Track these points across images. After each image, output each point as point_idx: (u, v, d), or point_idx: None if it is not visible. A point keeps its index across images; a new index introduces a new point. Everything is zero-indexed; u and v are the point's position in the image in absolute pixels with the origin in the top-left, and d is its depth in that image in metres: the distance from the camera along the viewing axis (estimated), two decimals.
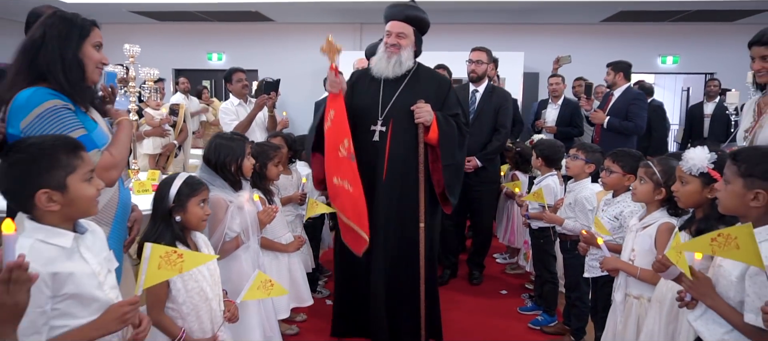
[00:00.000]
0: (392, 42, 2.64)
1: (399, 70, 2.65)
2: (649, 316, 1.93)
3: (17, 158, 1.24)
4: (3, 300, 0.96)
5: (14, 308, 0.99)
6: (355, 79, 2.87)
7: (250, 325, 2.16)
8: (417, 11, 2.69)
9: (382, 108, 2.66)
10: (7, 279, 0.96)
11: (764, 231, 1.45)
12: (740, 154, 1.51)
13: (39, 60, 1.64)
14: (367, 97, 2.69)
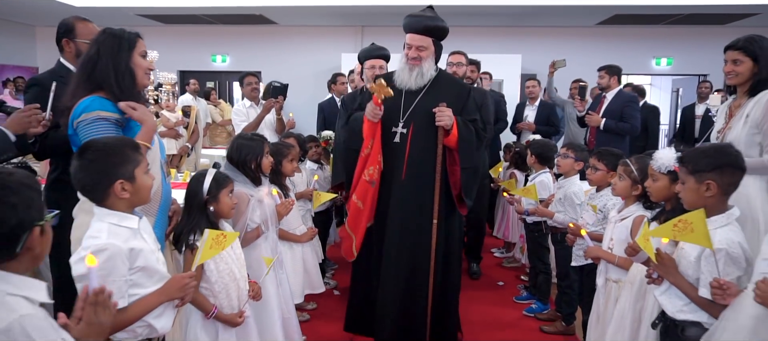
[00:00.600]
0: (413, 55, 2.74)
1: (421, 81, 2.76)
2: (622, 296, 2.20)
3: (95, 156, 1.50)
4: (91, 320, 1.18)
5: (99, 327, 1.19)
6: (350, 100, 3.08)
7: (270, 306, 2.42)
8: (435, 21, 2.77)
9: (404, 111, 2.77)
10: (94, 301, 1.18)
11: (720, 218, 1.73)
12: (685, 156, 1.79)
13: (95, 73, 1.91)
14: (390, 100, 2.77)
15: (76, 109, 1.88)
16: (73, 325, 1.15)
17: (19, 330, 0.96)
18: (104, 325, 1.19)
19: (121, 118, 1.92)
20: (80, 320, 1.16)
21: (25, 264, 1.07)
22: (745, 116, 2.54)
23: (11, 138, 2.09)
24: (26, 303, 1.00)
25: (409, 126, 2.74)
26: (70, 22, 2.65)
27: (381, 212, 2.79)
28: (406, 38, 2.78)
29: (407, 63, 2.77)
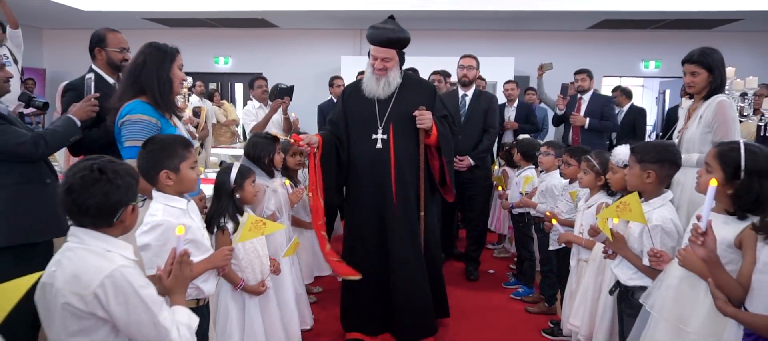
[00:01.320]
0: (379, 66, 2.94)
1: (388, 90, 2.99)
2: (586, 272, 2.61)
3: (151, 148, 1.89)
4: (178, 274, 1.57)
5: (183, 279, 1.59)
6: (348, 92, 3.22)
7: (285, 282, 2.81)
8: (397, 33, 2.93)
9: (380, 118, 3.00)
10: (180, 260, 1.57)
11: (657, 201, 2.14)
12: (636, 148, 2.20)
13: (140, 79, 2.30)
14: (365, 108, 3.01)
15: (122, 111, 2.27)
16: (164, 277, 1.55)
17: (119, 276, 1.34)
18: (186, 278, 1.59)
19: (160, 121, 2.31)
20: (170, 273, 1.54)
21: (118, 232, 1.46)
22: (699, 118, 2.94)
23: (77, 124, 2.50)
24: (121, 258, 1.39)
25: (389, 131, 2.97)
26: (102, 32, 3.03)
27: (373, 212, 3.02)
28: (371, 49, 2.97)
29: (374, 73, 2.97)
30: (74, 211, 1.36)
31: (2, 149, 2.30)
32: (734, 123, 2.86)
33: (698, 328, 1.76)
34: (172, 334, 1.41)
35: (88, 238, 1.37)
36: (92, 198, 1.33)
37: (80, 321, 1.32)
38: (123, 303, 1.32)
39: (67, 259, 1.34)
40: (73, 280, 1.31)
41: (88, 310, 1.31)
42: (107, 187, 1.34)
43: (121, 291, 1.32)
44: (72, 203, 1.34)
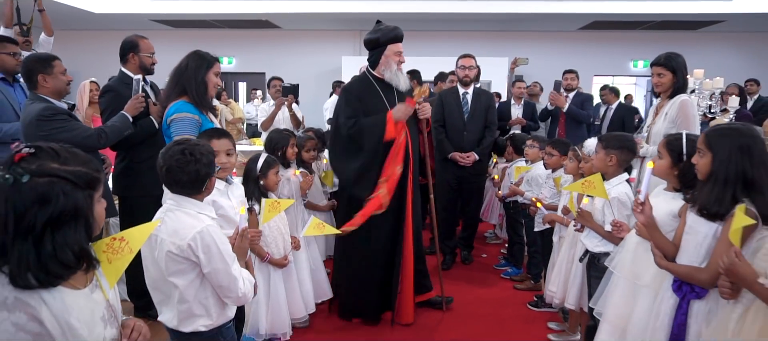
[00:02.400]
0: (402, 60, 3.32)
1: (407, 83, 3.44)
2: (563, 246, 3.05)
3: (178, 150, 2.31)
4: (240, 245, 1.97)
5: (244, 250, 1.99)
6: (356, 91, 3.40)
7: (302, 259, 3.25)
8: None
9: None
10: (242, 235, 1.98)
11: (616, 179, 2.58)
12: (602, 137, 2.64)
13: (182, 80, 2.72)
14: (379, 102, 3.30)
15: (169, 109, 2.70)
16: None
17: (206, 232, 1.75)
18: (246, 249, 2.01)
19: (201, 117, 2.74)
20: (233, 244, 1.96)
21: (202, 198, 1.87)
22: (665, 114, 3.38)
23: (130, 119, 2.93)
24: (207, 219, 1.81)
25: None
26: (135, 39, 3.45)
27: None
28: (395, 47, 3.28)
29: (399, 67, 3.31)
30: (172, 185, 1.79)
31: (74, 142, 2.71)
32: (695, 119, 3.30)
33: (648, 281, 2.20)
34: (239, 283, 1.83)
35: (184, 203, 1.79)
36: (187, 175, 1.76)
37: (177, 265, 1.75)
38: (207, 253, 1.74)
39: (168, 218, 1.77)
40: (173, 233, 1.74)
41: (183, 256, 1.73)
42: (197, 166, 1.77)
43: (206, 244, 1.74)
44: (172, 179, 1.77)
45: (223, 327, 1.88)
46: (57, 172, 1.16)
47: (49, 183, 1.14)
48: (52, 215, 1.14)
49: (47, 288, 1.18)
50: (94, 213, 1.25)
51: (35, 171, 1.14)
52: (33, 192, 1.13)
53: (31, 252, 1.14)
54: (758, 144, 1.78)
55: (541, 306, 3.72)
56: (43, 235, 1.15)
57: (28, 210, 1.12)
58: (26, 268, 1.14)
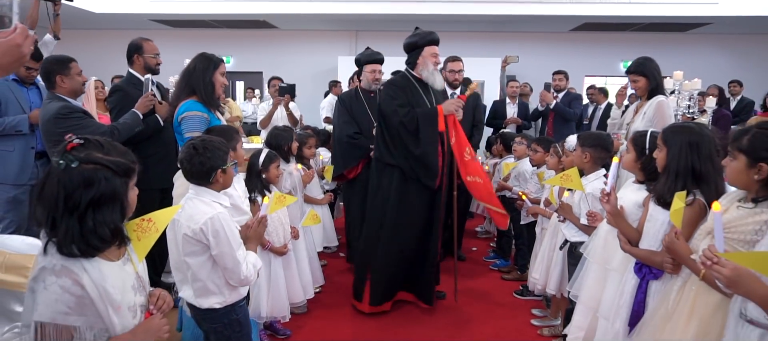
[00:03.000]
0: (437, 61, 3.61)
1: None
2: (545, 237, 3.29)
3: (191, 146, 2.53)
4: (257, 230, 2.20)
5: (259, 236, 2.23)
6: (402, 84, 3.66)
7: (301, 248, 3.46)
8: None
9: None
10: (259, 222, 2.21)
11: (593, 176, 2.81)
12: (580, 135, 2.87)
13: (191, 81, 2.94)
14: (420, 98, 3.57)
15: (180, 108, 2.91)
16: (245, 231, 2.18)
17: (216, 219, 1.97)
18: (262, 234, 2.25)
19: (209, 115, 2.96)
20: (250, 227, 2.18)
21: (218, 188, 2.08)
22: (643, 114, 3.62)
23: (140, 116, 3.14)
24: (220, 207, 2.02)
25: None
26: (139, 42, 3.66)
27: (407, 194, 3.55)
28: (431, 49, 3.58)
29: (436, 68, 3.60)
30: (186, 175, 2.02)
31: None
32: (671, 118, 3.54)
33: (616, 266, 2.43)
34: (242, 267, 2.05)
35: (201, 192, 2.02)
36: (194, 167, 1.98)
37: (191, 246, 1.97)
38: (215, 237, 1.96)
39: (188, 205, 2.00)
40: (189, 218, 1.96)
41: (196, 239, 1.96)
42: (201, 158, 1.99)
43: (215, 229, 1.96)
44: (185, 170, 2.00)
45: (236, 305, 2.10)
46: (101, 161, 1.37)
47: (94, 169, 1.36)
48: (94, 196, 1.36)
49: (87, 258, 1.39)
50: (127, 198, 1.47)
51: (83, 158, 1.35)
52: (80, 176, 1.34)
53: (75, 227, 1.35)
54: (706, 141, 2.01)
55: (527, 295, 3.95)
56: (86, 213, 1.36)
57: (75, 191, 1.34)
58: (71, 240, 1.36)
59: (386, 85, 3.76)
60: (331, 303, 3.86)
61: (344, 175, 4.36)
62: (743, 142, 1.61)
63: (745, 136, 1.61)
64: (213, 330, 2.10)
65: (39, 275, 1.37)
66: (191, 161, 1.99)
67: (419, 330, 3.50)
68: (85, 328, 1.38)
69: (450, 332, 3.47)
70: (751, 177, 1.61)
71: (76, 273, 1.37)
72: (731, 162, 1.68)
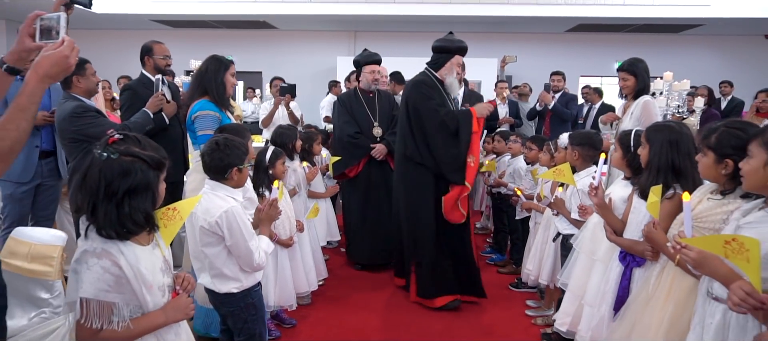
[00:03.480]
0: (460, 71, 3.83)
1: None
2: (538, 230, 3.47)
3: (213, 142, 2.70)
4: (269, 212, 2.37)
5: (271, 218, 2.38)
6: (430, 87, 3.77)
7: (305, 241, 3.64)
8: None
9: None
10: (271, 204, 2.37)
11: (583, 173, 3.00)
12: (571, 135, 3.05)
13: (203, 82, 3.11)
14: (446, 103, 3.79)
15: (193, 107, 3.08)
16: (258, 214, 2.35)
17: (230, 212, 2.13)
18: (274, 217, 2.40)
19: (220, 114, 3.12)
20: (261, 211, 2.35)
21: (233, 184, 2.24)
22: (631, 113, 3.80)
23: (151, 115, 3.30)
24: (234, 201, 2.19)
25: None
26: (150, 44, 3.83)
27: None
28: (459, 59, 3.81)
29: (457, 78, 3.83)
30: (206, 170, 2.19)
31: (100, 136, 3.09)
32: (656, 117, 3.72)
33: (602, 256, 2.61)
34: (255, 255, 2.21)
35: (216, 187, 2.19)
36: (213, 161, 2.15)
37: (208, 237, 2.14)
38: (229, 229, 2.13)
39: (204, 199, 2.16)
40: (205, 212, 2.13)
41: (211, 231, 2.13)
42: (221, 154, 2.16)
43: (229, 222, 2.13)
44: (204, 165, 2.17)
45: (252, 290, 2.27)
46: (138, 154, 1.54)
47: (131, 161, 1.53)
48: (130, 185, 1.53)
49: (123, 241, 1.56)
50: (158, 188, 1.63)
51: (123, 151, 1.52)
52: (120, 167, 1.51)
53: (113, 212, 1.52)
54: (684, 139, 2.19)
55: (521, 287, 4.13)
56: (123, 200, 1.53)
57: (115, 180, 1.51)
58: (109, 224, 1.52)
59: (417, 85, 3.80)
60: (334, 295, 4.04)
61: (345, 174, 4.54)
62: (712, 140, 1.79)
63: (713, 134, 1.79)
64: (230, 314, 2.28)
65: (81, 257, 1.54)
66: (211, 155, 2.16)
67: (417, 320, 3.67)
68: (123, 304, 1.55)
69: (447, 322, 3.65)
70: (719, 172, 1.79)
71: (114, 255, 1.53)
72: (702, 158, 1.85)
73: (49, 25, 1.65)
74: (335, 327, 3.56)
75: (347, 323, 3.62)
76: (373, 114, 4.48)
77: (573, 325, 2.77)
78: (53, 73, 1.56)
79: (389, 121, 4.57)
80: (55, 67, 1.55)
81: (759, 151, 1.52)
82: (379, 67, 4.68)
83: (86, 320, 1.49)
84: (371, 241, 4.52)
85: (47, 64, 1.54)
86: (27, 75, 1.54)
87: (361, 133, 4.47)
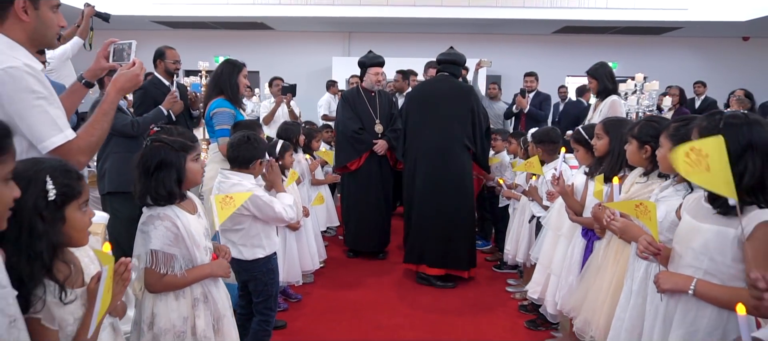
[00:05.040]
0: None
1: None
2: (516, 215, 3.99)
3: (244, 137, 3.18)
4: (271, 175, 2.87)
5: (276, 176, 2.88)
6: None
7: (309, 225, 4.12)
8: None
9: None
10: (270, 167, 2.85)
11: (550, 165, 3.51)
12: (533, 134, 3.57)
13: (219, 83, 3.58)
14: None
15: (211, 105, 3.56)
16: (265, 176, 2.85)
17: (255, 196, 2.60)
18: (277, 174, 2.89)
19: (235, 111, 3.60)
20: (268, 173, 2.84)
21: (254, 174, 2.73)
22: (599, 112, 4.32)
23: (164, 113, 3.76)
24: (255, 186, 2.67)
25: None
26: (163, 49, 4.29)
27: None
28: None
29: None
30: (233, 160, 2.66)
31: (115, 129, 3.51)
32: (622, 114, 4.25)
33: (565, 232, 3.12)
34: (283, 214, 2.68)
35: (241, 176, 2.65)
36: (241, 154, 2.63)
37: (240, 217, 2.61)
38: (257, 207, 2.61)
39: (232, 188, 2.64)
40: None
41: (238, 212, 2.58)
42: (250, 147, 2.64)
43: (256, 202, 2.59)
44: (231, 157, 2.65)
45: (272, 257, 2.76)
46: (164, 140, 2.03)
47: (160, 146, 2.01)
48: (157, 162, 1.99)
49: (163, 205, 2.02)
50: (185, 166, 2.06)
51: (155, 139, 2.02)
52: (151, 150, 2.00)
53: (150, 183, 2.00)
54: None
55: (504, 268, 4.64)
56: (154, 174, 2.00)
57: (148, 159, 1.99)
58: (147, 192, 2.00)
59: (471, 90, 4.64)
60: (333, 275, 4.54)
61: (346, 167, 5.00)
62: (635, 131, 2.29)
63: (636, 126, 2.29)
64: (253, 278, 2.75)
65: (148, 220, 2.03)
66: (239, 148, 2.64)
67: (408, 295, 4.17)
68: (180, 257, 2.03)
69: (435, 297, 4.15)
70: (641, 157, 2.29)
71: (172, 218, 2.02)
72: (628, 146, 2.35)
73: (120, 49, 2.13)
74: (334, 300, 4.05)
75: (345, 297, 4.11)
76: (374, 112, 4.92)
77: (542, 293, 3.28)
78: (128, 87, 2.05)
79: (388, 119, 5.04)
80: (128, 83, 2.04)
81: (666, 141, 2.03)
82: (382, 70, 5.08)
83: (155, 266, 1.97)
84: (366, 230, 5.00)
85: (123, 80, 2.03)
86: (107, 88, 2.03)
87: (364, 129, 4.93)
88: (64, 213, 1.38)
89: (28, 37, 1.81)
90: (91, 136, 1.91)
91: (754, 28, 9.88)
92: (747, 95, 5.76)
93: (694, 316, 1.77)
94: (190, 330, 2.00)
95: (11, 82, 1.70)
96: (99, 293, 1.36)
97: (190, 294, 2.04)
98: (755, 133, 1.69)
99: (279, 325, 3.52)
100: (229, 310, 2.21)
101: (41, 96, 1.77)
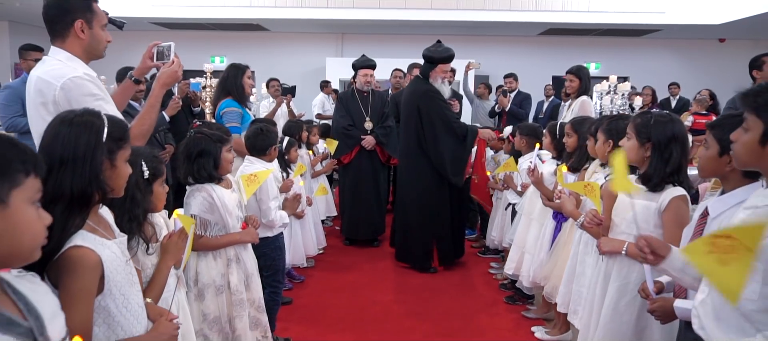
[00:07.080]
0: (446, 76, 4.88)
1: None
2: (499, 204, 4.51)
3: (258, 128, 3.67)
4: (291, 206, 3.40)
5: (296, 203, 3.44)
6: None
7: (311, 214, 4.62)
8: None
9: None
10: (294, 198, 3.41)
11: (528, 156, 4.03)
12: (520, 127, 4.10)
13: (226, 86, 4.05)
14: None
15: (220, 105, 4.03)
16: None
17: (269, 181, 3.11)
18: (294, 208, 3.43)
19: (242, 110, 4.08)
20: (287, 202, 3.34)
21: (269, 160, 3.22)
22: (572, 111, 4.85)
23: (166, 118, 4.23)
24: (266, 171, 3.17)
25: None
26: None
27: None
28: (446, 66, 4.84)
29: (445, 81, 4.85)
30: (250, 149, 3.15)
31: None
32: (592, 113, 4.77)
33: (536, 215, 3.65)
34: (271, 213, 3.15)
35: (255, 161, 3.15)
36: (257, 142, 3.13)
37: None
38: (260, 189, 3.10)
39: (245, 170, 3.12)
40: None
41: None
42: (265, 137, 3.14)
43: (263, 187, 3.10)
44: (249, 145, 3.14)
45: (279, 236, 3.25)
46: (204, 132, 2.53)
47: (200, 137, 2.51)
48: (197, 150, 2.50)
49: (202, 183, 2.52)
50: (222, 156, 2.57)
51: (198, 131, 2.52)
52: (193, 140, 2.50)
53: (192, 167, 2.50)
54: None
55: (488, 253, 5.17)
56: (195, 159, 2.50)
57: (191, 148, 2.49)
58: (190, 173, 2.51)
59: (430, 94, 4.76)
60: (332, 260, 5.06)
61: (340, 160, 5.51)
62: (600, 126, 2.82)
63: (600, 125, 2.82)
64: (262, 255, 3.22)
65: (190, 193, 2.55)
66: (256, 138, 3.14)
67: (399, 278, 4.69)
68: (213, 223, 2.54)
69: (424, 279, 4.67)
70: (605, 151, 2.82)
71: (209, 191, 2.52)
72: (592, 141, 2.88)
73: (161, 50, 2.61)
74: (334, 281, 4.56)
75: (343, 279, 4.62)
76: (365, 110, 5.46)
77: (517, 269, 3.81)
78: (169, 82, 2.54)
79: (380, 116, 5.56)
80: (170, 78, 2.52)
81: (601, 134, 2.56)
82: (371, 71, 5.59)
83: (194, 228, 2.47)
84: (360, 219, 5.51)
85: (165, 76, 2.51)
86: (153, 85, 2.51)
87: (354, 126, 5.45)
88: (152, 188, 1.88)
89: (83, 51, 2.29)
90: (142, 126, 2.40)
91: (729, 31, 10.48)
92: (711, 96, 6.31)
93: (626, 271, 2.30)
94: (226, 285, 2.50)
95: (76, 88, 2.19)
96: (186, 246, 1.88)
97: (225, 255, 2.55)
98: (677, 129, 2.25)
99: (285, 301, 4.01)
100: (256, 271, 2.71)
101: (99, 97, 2.25)
